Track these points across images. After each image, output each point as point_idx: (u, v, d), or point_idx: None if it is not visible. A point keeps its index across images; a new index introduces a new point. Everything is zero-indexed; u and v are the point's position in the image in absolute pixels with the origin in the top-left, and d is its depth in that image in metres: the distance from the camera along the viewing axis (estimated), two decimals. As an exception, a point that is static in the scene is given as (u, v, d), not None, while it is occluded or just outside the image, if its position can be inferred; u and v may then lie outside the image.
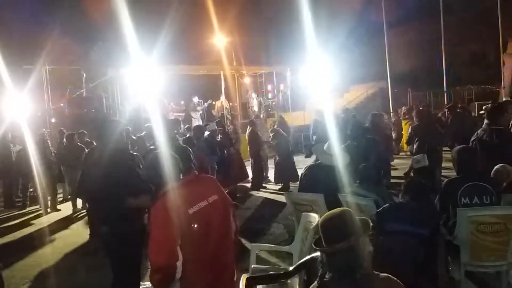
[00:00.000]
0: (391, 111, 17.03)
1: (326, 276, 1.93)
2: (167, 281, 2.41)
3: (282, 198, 6.50)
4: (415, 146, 7.43)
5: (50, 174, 8.50)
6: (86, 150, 7.69)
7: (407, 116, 11.80)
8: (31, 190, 9.34)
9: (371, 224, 2.07)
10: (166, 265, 2.38)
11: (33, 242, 6.62)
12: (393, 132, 12.35)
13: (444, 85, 18.86)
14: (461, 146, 4.33)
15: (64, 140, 8.93)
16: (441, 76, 18.85)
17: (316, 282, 1.98)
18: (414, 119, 8.14)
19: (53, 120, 15.04)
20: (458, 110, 10.20)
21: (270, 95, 19.83)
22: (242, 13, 21.04)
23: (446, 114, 10.31)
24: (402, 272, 2.05)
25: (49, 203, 8.70)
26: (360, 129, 6.52)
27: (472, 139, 5.16)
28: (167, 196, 2.49)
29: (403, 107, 14.38)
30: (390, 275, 1.95)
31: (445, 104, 15.34)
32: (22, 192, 9.44)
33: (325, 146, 5.14)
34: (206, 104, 16.81)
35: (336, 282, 1.90)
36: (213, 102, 17.24)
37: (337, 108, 14.42)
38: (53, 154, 8.93)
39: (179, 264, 2.40)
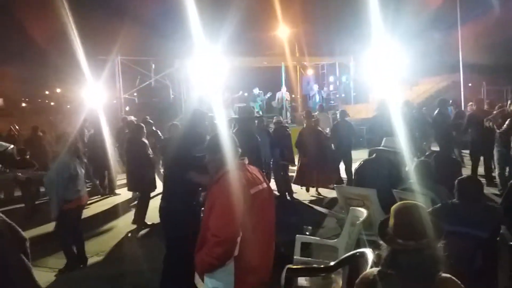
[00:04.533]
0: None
1: (389, 271, 1.81)
2: (227, 255, 2.46)
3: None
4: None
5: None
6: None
7: None
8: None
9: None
10: (229, 239, 2.44)
11: (102, 222, 7.12)
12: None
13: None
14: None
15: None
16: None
17: (371, 275, 1.87)
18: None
19: (127, 108, 16.05)
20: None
21: (331, 87, 19.38)
22: (305, 3, 20.71)
23: None
24: (457, 277, 1.89)
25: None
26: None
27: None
28: (231, 173, 2.60)
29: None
30: (452, 277, 1.83)
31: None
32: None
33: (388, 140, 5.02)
34: (266, 96, 16.88)
35: (406, 280, 1.78)
36: (275, 94, 17.23)
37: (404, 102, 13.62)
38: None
39: (238, 240, 2.47)
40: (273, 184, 7.57)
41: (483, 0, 20.45)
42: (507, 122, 6.85)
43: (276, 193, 7.69)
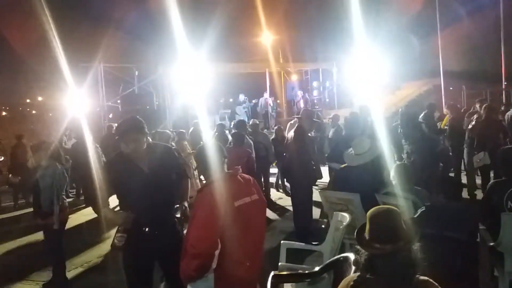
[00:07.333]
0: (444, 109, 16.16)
1: (368, 275, 1.84)
2: (204, 268, 2.43)
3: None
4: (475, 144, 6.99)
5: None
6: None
7: None
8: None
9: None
10: (206, 252, 2.41)
11: (86, 232, 7.05)
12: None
13: (503, 83, 17.60)
14: (507, 147, 4.06)
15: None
16: (499, 73, 17.60)
17: (352, 280, 1.89)
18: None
19: (110, 116, 15.88)
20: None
21: (315, 92, 19.59)
22: (288, 10, 20.92)
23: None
24: (438, 280, 1.92)
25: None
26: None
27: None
28: (215, 185, 2.56)
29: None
30: (429, 279, 1.86)
31: (503, 103, 14.27)
32: (76, 185, 9.99)
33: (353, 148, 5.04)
34: (251, 103, 16.95)
35: (385, 284, 1.81)
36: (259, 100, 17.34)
37: (385, 106, 13.85)
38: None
39: (217, 253, 2.44)
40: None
41: (461, 7, 21.01)
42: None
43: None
